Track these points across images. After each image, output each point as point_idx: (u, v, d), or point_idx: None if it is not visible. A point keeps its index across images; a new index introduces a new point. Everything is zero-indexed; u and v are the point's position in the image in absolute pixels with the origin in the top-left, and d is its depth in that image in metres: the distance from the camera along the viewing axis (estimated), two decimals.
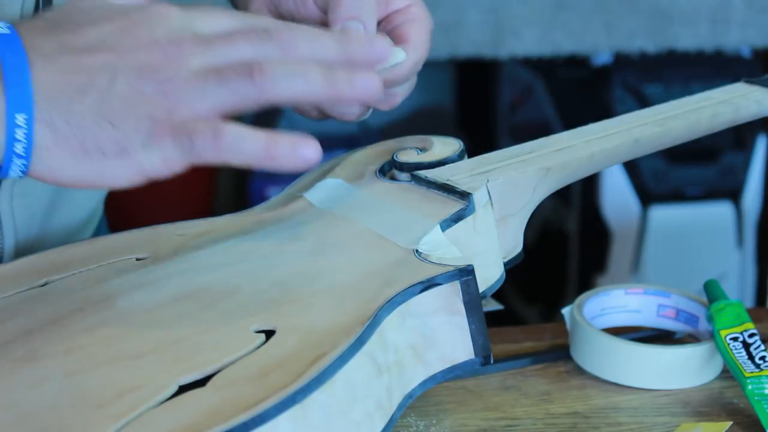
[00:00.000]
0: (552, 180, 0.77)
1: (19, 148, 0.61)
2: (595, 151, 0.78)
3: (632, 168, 1.87)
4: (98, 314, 0.65)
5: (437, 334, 0.65)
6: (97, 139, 0.61)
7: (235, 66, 0.62)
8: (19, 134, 0.61)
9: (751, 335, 0.76)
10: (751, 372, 0.73)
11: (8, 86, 0.60)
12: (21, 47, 0.61)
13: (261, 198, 1.88)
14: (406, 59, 0.73)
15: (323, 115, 0.76)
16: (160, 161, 0.62)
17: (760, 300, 1.92)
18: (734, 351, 0.75)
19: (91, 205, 0.89)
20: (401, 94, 0.76)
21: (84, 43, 0.62)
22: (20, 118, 0.61)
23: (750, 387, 0.73)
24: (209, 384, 0.57)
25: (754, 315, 0.81)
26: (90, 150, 0.62)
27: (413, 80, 0.76)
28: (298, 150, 0.61)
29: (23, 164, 0.62)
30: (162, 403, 0.56)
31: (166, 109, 0.61)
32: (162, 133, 0.61)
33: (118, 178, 0.63)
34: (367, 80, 0.63)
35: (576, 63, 1.93)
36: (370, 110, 0.75)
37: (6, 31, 0.62)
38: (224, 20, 0.64)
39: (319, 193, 0.76)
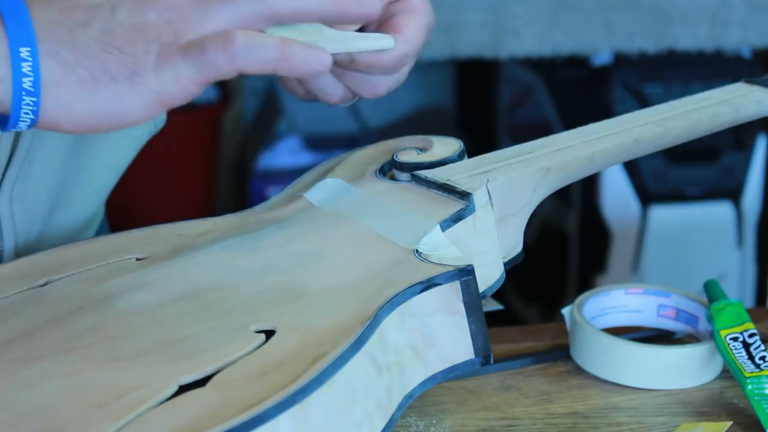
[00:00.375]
0: (552, 180, 0.77)
1: (27, 83, 0.59)
2: (595, 151, 0.78)
3: (632, 168, 1.87)
4: (98, 314, 0.65)
5: (437, 334, 0.65)
6: (106, 65, 0.60)
7: None
8: (26, 68, 0.59)
9: (751, 335, 0.76)
10: (751, 372, 0.73)
11: (8, 23, 0.59)
12: None
13: (261, 198, 1.88)
14: (394, 47, 0.71)
15: (309, 95, 0.75)
16: (174, 83, 0.60)
17: (760, 300, 1.92)
18: (734, 351, 0.75)
19: (92, 208, 0.89)
20: (386, 85, 0.73)
21: None
22: (24, 51, 0.59)
23: (750, 387, 0.73)
24: (209, 384, 0.57)
25: (754, 315, 0.81)
26: (100, 78, 0.60)
27: (401, 75, 0.74)
28: (312, 53, 0.61)
29: (33, 102, 0.60)
30: (162, 403, 0.56)
31: (173, 33, 0.60)
32: (172, 52, 0.60)
33: (134, 107, 0.61)
34: None
35: (576, 63, 1.93)
36: (357, 99, 0.75)
37: None
38: None
39: (319, 193, 0.76)
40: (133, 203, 2.00)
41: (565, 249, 1.97)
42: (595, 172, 0.81)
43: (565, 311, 0.81)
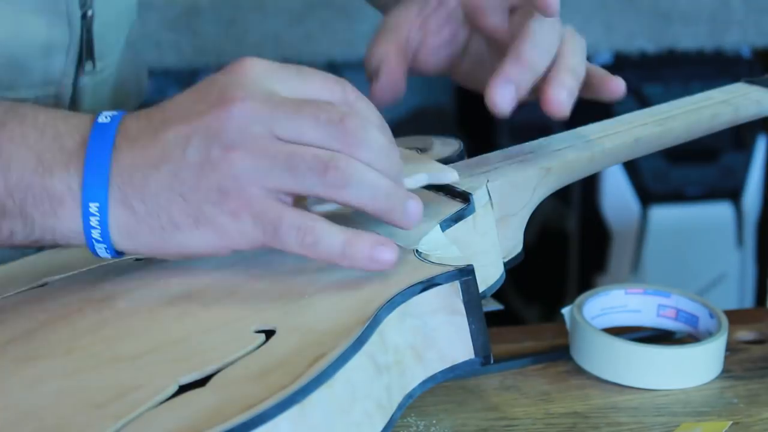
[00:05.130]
0: (552, 180, 0.77)
1: (95, 234, 0.64)
2: (595, 151, 0.78)
3: (632, 168, 1.87)
4: (98, 314, 0.65)
5: (437, 334, 0.65)
6: (171, 215, 0.63)
7: (308, 158, 0.63)
8: (93, 221, 0.63)
9: None
10: None
11: (86, 174, 0.63)
12: (111, 135, 0.64)
13: None
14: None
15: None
16: (239, 235, 0.63)
17: (760, 300, 1.92)
18: None
19: None
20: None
21: (166, 118, 0.64)
22: (93, 207, 0.63)
23: None
24: (209, 384, 0.57)
25: (754, 315, 0.81)
26: (166, 226, 0.64)
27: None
28: (374, 253, 0.64)
29: (105, 248, 0.65)
30: (162, 403, 0.56)
31: (234, 182, 0.62)
32: (239, 207, 0.62)
33: (201, 246, 0.64)
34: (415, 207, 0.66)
35: None
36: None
37: (106, 120, 0.65)
38: (308, 85, 0.65)
39: None
40: None
41: (565, 249, 1.97)
42: (595, 172, 0.81)
43: (565, 311, 0.81)
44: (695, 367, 0.78)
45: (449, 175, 0.71)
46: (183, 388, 0.57)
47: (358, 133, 0.64)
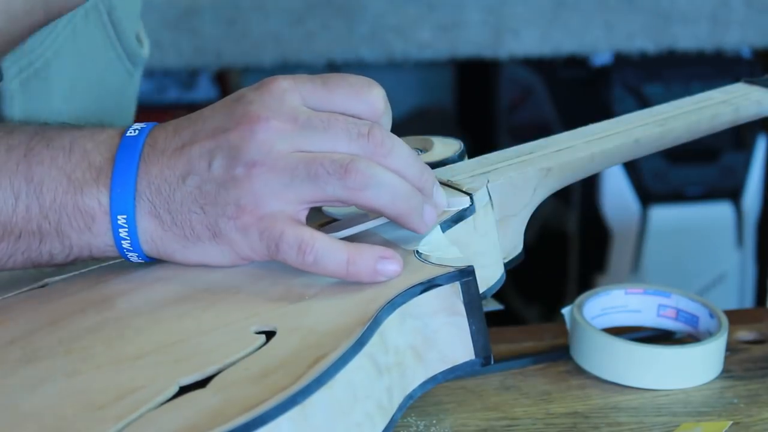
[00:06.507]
0: (552, 180, 0.77)
1: (126, 244, 0.66)
2: (595, 151, 0.78)
3: (632, 168, 1.87)
4: (99, 315, 0.65)
5: (438, 334, 0.65)
6: (192, 225, 0.66)
7: (327, 163, 0.64)
8: (123, 233, 0.66)
9: None
10: None
11: (114, 189, 0.65)
12: (138, 148, 0.66)
13: None
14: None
15: None
16: (249, 249, 0.66)
17: (760, 300, 1.92)
18: None
19: None
20: None
21: (194, 131, 0.66)
22: (121, 219, 0.66)
23: None
24: (210, 385, 0.57)
25: (754, 315, 0.81)
26: (189, 236, 0.66)
27: None
28: (378, 267, 0.65)
29: (137, 256, 0.67)
30: (162, 404, 0.56)
31: (253, 200, 0.64)
32: (249, 222, 0.65)
33: (218, 258, 0.67)
34: (432, 212, 0.68)
35: (576, 63, 1.93)
36: None
37: (134, 133, 0.67)
38: (335, 97, 0.66)
39: None
40: None
41: (565, 249, 1.97)
42: (596, 172, 0.81)
43: (565, 311, 0.81)
44: (695, 367, 0.78)
45: (462, 201, 0.71)
46: (183, 389, 0.57)
47: (386, 143, 0.66)
